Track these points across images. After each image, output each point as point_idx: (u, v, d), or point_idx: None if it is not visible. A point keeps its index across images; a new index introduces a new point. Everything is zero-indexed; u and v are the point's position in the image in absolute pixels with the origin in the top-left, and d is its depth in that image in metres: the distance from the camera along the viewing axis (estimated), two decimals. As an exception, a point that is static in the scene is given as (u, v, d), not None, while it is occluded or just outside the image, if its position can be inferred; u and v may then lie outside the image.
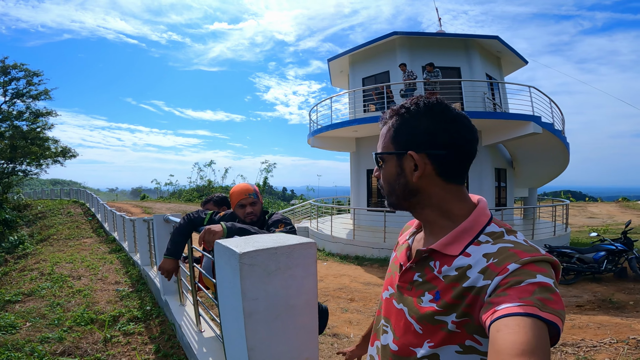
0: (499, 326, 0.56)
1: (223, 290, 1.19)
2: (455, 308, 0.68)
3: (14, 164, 20.54)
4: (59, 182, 76.81)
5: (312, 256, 1.14)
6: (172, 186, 35.45)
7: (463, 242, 0.74)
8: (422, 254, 0.78)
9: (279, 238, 1.17)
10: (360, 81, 12.43)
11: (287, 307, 1.11)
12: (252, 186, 2.29)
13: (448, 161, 0.77)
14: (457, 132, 0.77)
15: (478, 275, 0.67)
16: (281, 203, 30.34)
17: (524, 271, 0.62)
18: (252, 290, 1.03)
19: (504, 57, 12.84)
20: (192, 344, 2.59)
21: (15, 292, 4.77)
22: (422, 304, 0.74)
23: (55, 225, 13.49)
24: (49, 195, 31.09)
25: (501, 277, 0.63)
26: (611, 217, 18.80)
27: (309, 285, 1.14)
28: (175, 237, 2.40)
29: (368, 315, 4.82)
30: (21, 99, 20.73)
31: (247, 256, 1.01)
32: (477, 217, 0.76)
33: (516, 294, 0.59)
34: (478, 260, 0.69)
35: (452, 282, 0.71)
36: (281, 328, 1.11)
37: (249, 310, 1.03)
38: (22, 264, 7.51)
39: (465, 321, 0.67)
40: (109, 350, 3.11)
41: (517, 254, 0.65)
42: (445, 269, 0.73)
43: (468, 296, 0.67)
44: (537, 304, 0.56)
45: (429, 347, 0.71)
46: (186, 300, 3.54)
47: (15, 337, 3.29)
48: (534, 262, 0.63)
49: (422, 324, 0.73)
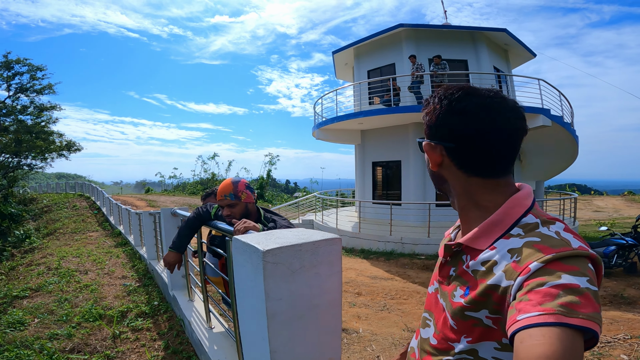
0: (522, 337, 0.52)
1: (242, 290, 1.13)
2: (483, 305, 0.64)
3: (19, 158, 20.61)
4: (64, 175, 77.23)
5: (337, 253, 1.07)
6: (176, 179, 35.49)
7: (492, 236, 0.69)
8: (451, 248, 0.77)
9: (301, 233, 1.10)
10: (365, 73, 12.29)
11: (311, 307, 1.04)
12: (235, 183, 2.12)
13: (463, 154, 0.72)
14: (465, 124, 0.71)
15: (502, 273, 0.62)
16: (284, 195, 30.32)
17: (547, 271, 0.55)
18: (275, 290, 0.96)
19: (512, 49, 12.63)
20: (202, 340, 2.54)
21: (23, 288, 4.76)
22: (454, 299, 0.71)
23: (61, 219, 13.53)
24: (54, 189, 31.22)
25: (523, 277, 0.57)
26: (617, 211, 18.62)
27: (333, 283, 1.08)
28: (183, 231, 2.36)
29: (376, 310, 4.78)
30: (25, 94, 20.72)
31: (271, 254, 0.95)
32: (510, 208, 0.70)
33: (537, 300, 0.53)
34: (503, 256, 0.64)
35: (481, 278, 0.67)
36: (304, 329, 1.05)
37: (272, 312, 0.97)
38: (29, 259, 7.52)
39: (499, 319, 0.63)
40: (118, 347, 3.08)
41: (541, 251, 0.59)
42: (473, 263, 0.70)
43: (494, 295, 0.63)
44: (561, 310, 0.50)
45: (467, 342, 0.69)
46: (194, 296, 3.50)
47: (24, 333, 3.27)
48: (559, 259, 0.56)
49: (455, 319, 0.70)
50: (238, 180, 2.16)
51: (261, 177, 28.04)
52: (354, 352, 3.40)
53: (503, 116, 0.70)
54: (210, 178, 30.73)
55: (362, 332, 3.94)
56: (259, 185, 26.57)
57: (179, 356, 2.88)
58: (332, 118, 11.01)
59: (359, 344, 3.60)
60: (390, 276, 6.65)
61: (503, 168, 0.73)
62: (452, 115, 0.72)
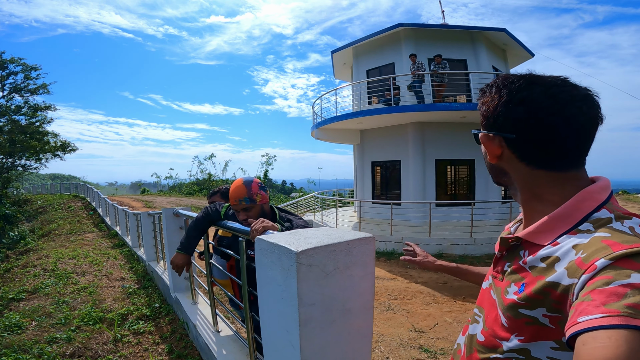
0: (585, 339, 0.48)
1: (267, 294, 1.05)
2: (540, 303, 0.60)
3: (13, 159, 20.32)
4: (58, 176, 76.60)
5: (371, 253, 1.00)
6: (172, 180, 35.34)
7: (556, 231, 0.64)
8: (508, 242, 0.73)
9: (332, 233, 1.02)
10: (364, 73, 12.24)
11: (344, 311, 0.97)
12: (248, 185, 1.93)
13: (526, 146, 0.67)
14: (528, 114, 0.65)
15: (563, 271, 0.57)
16: (281, 196, 30.21)
17: (616, 268, 0.50)
18: (308, 295, 0.89)
19: (510, 49, 12.66)
20: (209, 344, 2.45)
21: (19, 290, 4.65)
22: (507, 295, 0.67)
23: (56, 220, 13.35)
24: (48, 189, 30.91)
25: (588, 276, 0.52)
26: (614, 210, 18.74)
27: (366, 285, 1.01)
28: (191, 232, 2.25)
29: (381, 311, 4.72)
30: (19, 94, 20.45)
31: (305, 255, 0.87)
32: (579, 202, 0.64)
33: (601, 300, 0.48)
34: (566, 252, 0.59)
35: (539, 274, 0.62)
36: (336, 335, 0.97)
37: (305, 318, 0.89)
38: (24, 260, 7.38)
39: (558, 318, 0.58)
40: (120, 351, 2.99)
41: (610, 247, 0.53)
42: (531, 259, 0.66)
43: (553, 293, 0.58)
44: (628, 312, 0.45)
45: (519, 340, 0.64)
46: (198, 298, 3.40)
47: (22, 337, 3.16)
48: (630, 255, 0.51)
49: (507, 316, 0.66)
50: (251, 181, 1.97)
51: (258, 177, 27.97)
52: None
53: (573, 105, 0.63)
54: (207, 178, 30.60)
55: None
56: (256, 185, 26.46)
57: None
58: (331, 118, 10.94)
59: (366, 346, 3.53)
60: (392, 276, 6.59)
61: (573, 160, 0.67)
62: (513, 105, 0.67)
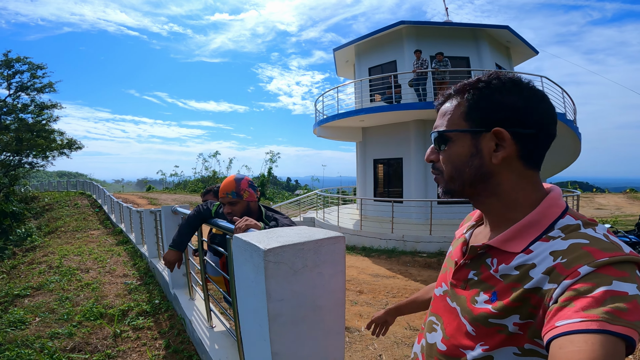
0: (562, 343, 0.49)
1: (242, 290, 1.10)
2: (516, 310, 0.60)
3: (20, 157, 20.61)
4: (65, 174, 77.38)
5: (341, 252, 1.04)
6: (178, 177, 35.57)
7: (527, 238, 0.64)
8: (477, 251, 0.71)
9: (304, 232, 1.07)
10: (366, 71, 12.25)
11: (314, 308, 1.01)
12: (238, 181, 2.08)
13: (534, 143, 0.68)
14: (546, 112, 0.68)
15: (543, 276, 0.58)
16: (285, 193, 30.33)
17: (599, 275, 0.52)
18: (277, 291, 0.93)
19: (514, 47, 12.57)
20: (203, 340, 2.52)
21: (24, 286, 4.74)
22: (477, 305, 0.67)
23: (62, 217, 13.54)
24: (55, 187, 31.27)
25: (569, 282, 0.54)
26: (619, 209, 18.55)
27: (337, 283, 1.05)
28: (183, 229, 2.34)
29: (378, 308, 4.75)
30: (26, 92, 20.72)
31: (273, 253, 0.92)
32: (547, 208, 0.66)
33: (581, 306, 0.50)
34: (544, 259, 0.60)
35: (513, 282, 0.62)
36: (307, 331, 1.02)
37: (274, 313, 0.94)
38: (31, 257, 7.51)
39: (529, 323, 0.59)
40: (119, 346, 3.06)
41: (591, 254, 0.55)
42: (503, 267, 0.65)
43: (532, 297, 0.59)
44: (605, 317, 0.48)
45: (483, 349, 0.65)
46: (195, 294, 3.48)
47: (25, 332, 3.25)
48: (612, 264, 0.53)
49: (475, 325, 0.66)
50: (241, 178, 2.11)
51: (262, 174, 28.06)
52: (355, 351, 3.38)
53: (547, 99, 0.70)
54: (212, 176, 30.76)
55: (363, 330, 3.91)
56: (260, 183, 26.59)
57: (180, 355, 2.85)
58: (333, 115, 10.97)
59: (360, 343, 3.57)
60: (392, 274, 6.62)
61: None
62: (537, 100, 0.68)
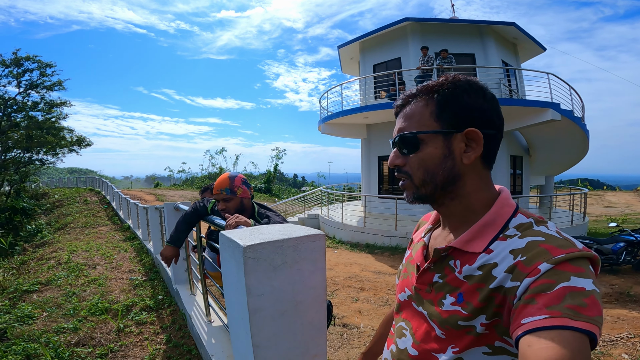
0: (530, 340, 0.51)
1: (228, 285, 1.14)
2: (483, 310, 0.62)
3: (31, 154, 20.94)
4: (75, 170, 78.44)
5: (320, 249, 1.08)
6: (185, 173, 35.89)
7: (486, 238, 0.66)
8: (440, 253, 0.72)
9: (285, 229, 1.11)
10: (371, 68, 12.21)
11: (294, 303, 1.05)
12: (232, 179, 2.14)
13: (494, 143, 0.71)
14: (500, 113, 0.72)
15: (505, 275, 0.60)
16: (292, 190, 30.41)
17: (557, 272, 0.54)
18: (257, 286, 0.98)
19: (521, 43, 12.42)
20: (201, 334, 2.58)
21: (33, 282, 4.86)
22: (444, 308, 0.68)
23: (72, 213, 13.75)
24: (65, 183, 31.74)
25: (531, 279, 0.56)
26: (629, 207, 18.30)
27: (316, 280, 1.08)
28: (180, 226, 2.40)
29: (378, 305, 4.79)
30: (35, 90, 20.98)
31: (252, 249, 0.96)
32: (500, 208, 0.69)
33: (544, 302, 0.52)
34: (504, 257, 0.62)
35: (477, 283, 0.64)
36: (287, 325, 1.05)
37: (254, 307, 0.98)
38: (40, 253, 7.67)
39: (496, 322, 0.61)
40: (121, 340, 3.14)
41: (549, 251, 0.57)
42: (467, 268, 0.66)
43: (497, 297, 0.61)
44: (568, 313, 0.50)
45: (453, 352, 0.66)
46: (196, 290, 3.54)
47: (32, 327, 3.35)
48: (568, 260, 0.55)
49: (445, 329, 0.67)
50: (235, 175, 2.18)
51: (268, 171, 28.16)
52: (353, 348, 3.42)
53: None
54: (218, 172, 30.96)
55: (362, 327, 3.96)
56: (266, 179, 26.68)
57: (180, 349, 2.92)
58: (337, 112, 10.97)
59: (358, 340, 3.61)
60: (394, 271, 6.64)
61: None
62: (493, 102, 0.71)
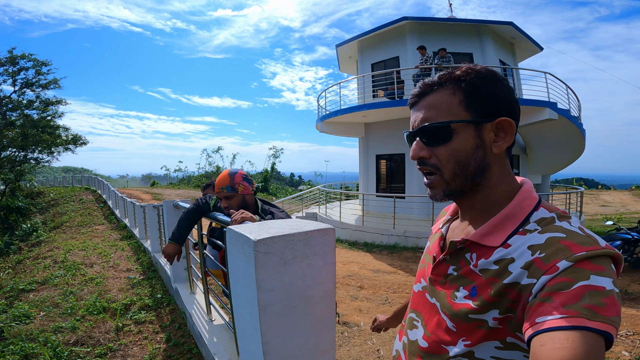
0: (543, 340, 0.50)
1: (235, 280, 1.13)
2: (495, 305, 0.60)
3: (26, 152, 20.75)
4: (70, 169, 77.93)
5: (330, 243, 1.06)
6: (181, 172, 35.73)
7: (505, 232, 0.64)
8: (456, 246, 0.70)
9: (295, 224, 1.09)
10: (369, 67, 12.22)
11: (304, 298, 1.04)
12: (232, 175, 2.12)
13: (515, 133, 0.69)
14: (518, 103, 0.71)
15: (521, 271, 0.58)
16: (289, 189, 30.36)
17: (577, 270, 0.52)
18: (267, 281, 0.96)
19: (518, 43, 12.50)
20: (202, 333, 2.56)
21: (30, 281, 4.81)
22: (456, 300, 0.67)
23: (67, 212, 13.66)
24: (61, 182, 31.53)
25: (548, 277, 0.54)
26: (624, 206, 18.43)
27: (326, 274, 1.07)
28: (182, 223, 2.38)
29: (378, 304, 4.78)
30: (31, 89, 20.79)
31: (262, 243, 0.94)
32: (522, 201, 0.66)
33: (561, 301, 0.50)
34: (522, 253, 0.60)
35: (492, 277, 0.62)
36: (297, 321, 1.04)
37: (264, 303, 0.96)
38: (36, 252, 7.60)
39: (509, 317, 0.60)
40: (121, 340, 3.11)
41: (569, 248, 0.55)
42: (482, 262, 0.65)
43: (511, 292, 0.59)
44: (585, 313, 0.49)
45: (465, 345, 0.65)
46: (196, 288, 3.52)
47: (30, 327, 3.31)
48: (589, 258, 0.53)
49: (456, 321, 0.66)
50: (235, 172, 2.15)
51: (265, 170, 28.10)
52: (354, 346, 3.41)
53: None
54: (215, 171, 30.88)
55: (363, 325, 3.94)
56: (263, 178, 26.63)
57: (180, 348, 2.90)
58: (335, 111, 10.97)
59: (359, 337, 3.60)
60: (393, 270, 6.64)
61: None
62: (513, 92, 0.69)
